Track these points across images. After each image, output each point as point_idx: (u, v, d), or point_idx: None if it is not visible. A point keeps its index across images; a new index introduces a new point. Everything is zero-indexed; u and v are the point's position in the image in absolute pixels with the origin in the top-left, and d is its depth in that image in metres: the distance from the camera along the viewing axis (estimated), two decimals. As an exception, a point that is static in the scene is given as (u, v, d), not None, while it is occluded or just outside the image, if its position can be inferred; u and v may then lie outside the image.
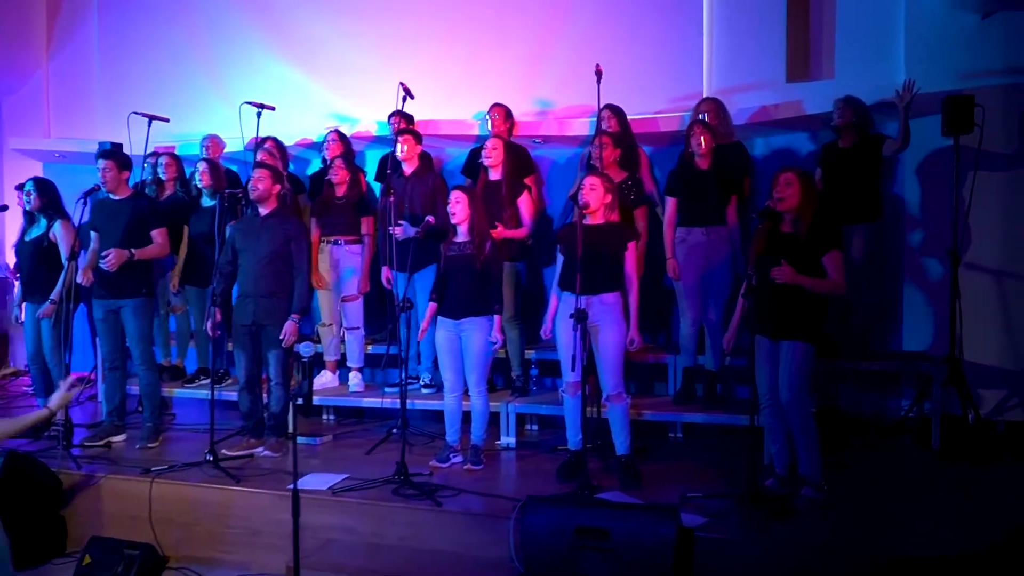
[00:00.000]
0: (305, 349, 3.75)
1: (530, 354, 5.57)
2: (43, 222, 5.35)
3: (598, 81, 4.88)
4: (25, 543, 4.25)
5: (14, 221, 6.06)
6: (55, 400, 4.04)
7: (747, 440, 3.97)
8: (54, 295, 5.15)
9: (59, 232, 5.28)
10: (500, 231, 5.01)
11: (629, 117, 5.54)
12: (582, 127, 5.84)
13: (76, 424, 5.65)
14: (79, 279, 5.04)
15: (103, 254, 4.94)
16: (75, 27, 7.78)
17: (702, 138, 4.96)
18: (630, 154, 5.33)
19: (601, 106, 5.07)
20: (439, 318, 4.61)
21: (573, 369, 4.12)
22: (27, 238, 5.40)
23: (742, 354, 4.46)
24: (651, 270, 5.34)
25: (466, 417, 4.75)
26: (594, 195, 4.33)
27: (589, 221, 4.36)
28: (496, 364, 5.65)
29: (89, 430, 5.45)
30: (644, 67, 5.97)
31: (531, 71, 6.23)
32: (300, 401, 3.96)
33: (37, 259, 5.33)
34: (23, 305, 5.49)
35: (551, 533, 3.41)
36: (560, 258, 4.48)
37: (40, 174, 7.40)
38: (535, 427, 5.49)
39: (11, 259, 6.23)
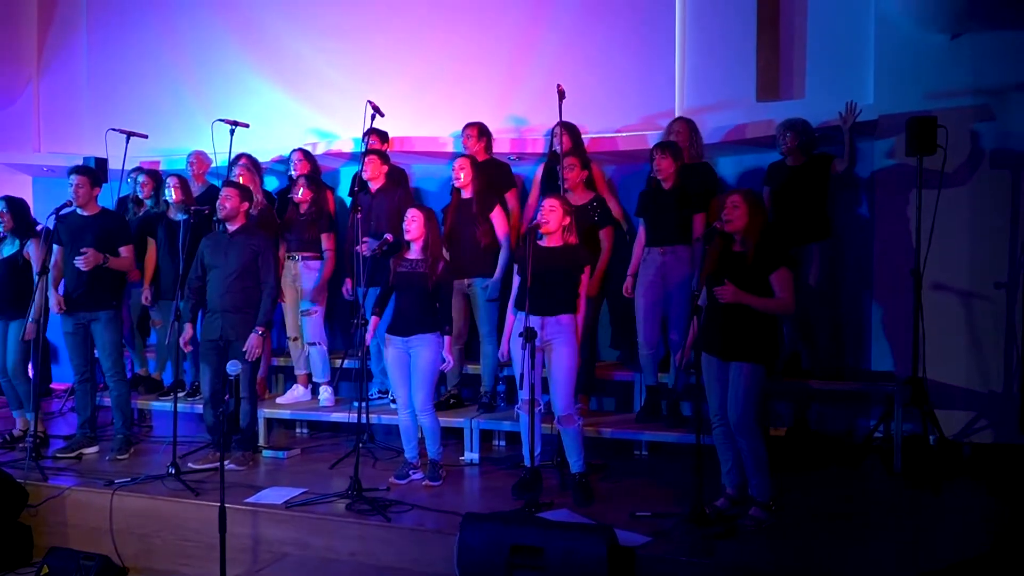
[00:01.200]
0: (231, 368, 3.83)
1: (504, 370, 5.61)
2: (15, 241, 5.46)
3: (560, 100, 4.95)
4: (-13, 552, 4.35)
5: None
6: None
7: (696, 460, 4.00)
8: (32, 314, 5.23)
9: (31, 250, 5.42)
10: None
11: (599, 135, 5.60)
12: (544, 144, 5.91)
13: (52, 436, 5.79)
14: (55, 310, 5.14)
15: (82, 250, 5.03)
16: (64, 44, 7.94)
17: (662, 162, 5.01)
18: (588, 174, 5.39)
19: (563, 122, 5.12)
20: (389, 336, 4.66)
21: (521, 387, 4.16)
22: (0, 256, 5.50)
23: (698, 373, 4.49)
24: (619, 289, 5.37)
25: (428, 433, 4.79)
26: (553, 216, 4.39)
27: (546, 243, 4.42)
28: (466, 379, 5.73)
29: (65, 442, 5.55)
30: (616, 86, 6.04)
31: (506, 89, 6.30)
32: (224, 422, 4.01)
33: (9, 277, 5.43)
34: None
35: (488, 550, 3.45)
36: (516, 277, 4.54)
37: (29, 188, 7.58)
38: (503, 443, 5.53)
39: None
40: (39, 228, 5.58)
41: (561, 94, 4.97)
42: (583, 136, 5.64)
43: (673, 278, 5.01)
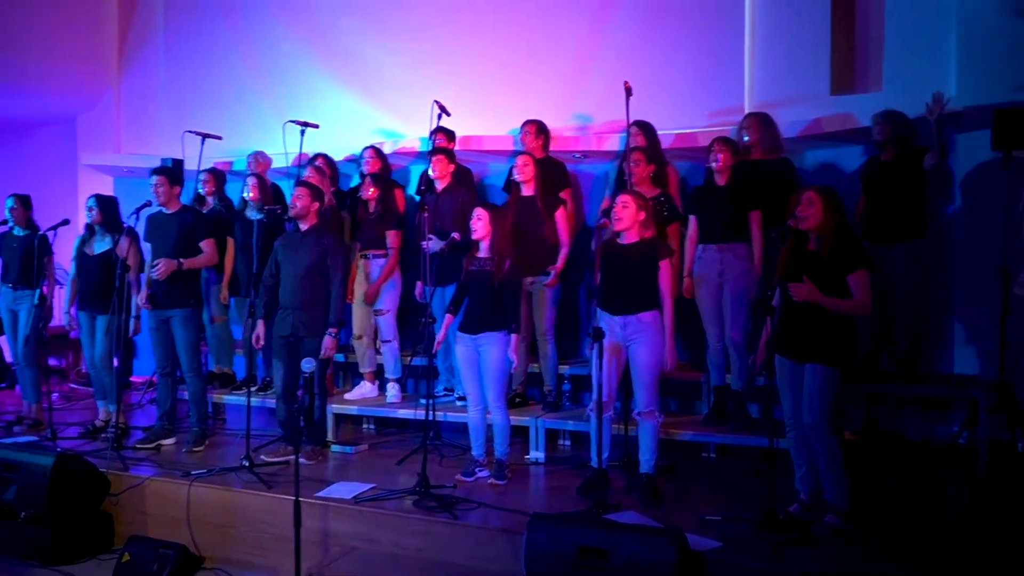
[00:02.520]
0: (306, 365, 3.89)
1: (564, 369, 5.60)
2: (108, 238, 5.69)
3: (627, 98, 4.90)
4: (72, 538, 4.54)
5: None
6: None
7: (770, 463, 3.92)
8: (134, 311, 5.50)
9: (123, 247, 5.61)
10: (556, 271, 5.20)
11: (667, 132, 5.52)
12: (621, 142, 5.85)
13: (133, 427, 6.01)
14: (141, 303, 5.37)
15: (153, 263, 5.25)
16: (143, 49, 8.24)
17: (719, 155, 4.93)
18: (661, 171, 5.33)
19: (631, 121, 5.08)
20: (458, 333, 4.70)
21: (594, 388, 4.14)
22: (91, 251, 5.72)
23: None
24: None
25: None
26: (627, 212, 4.37)
27: (623, 240, 4.40)
28: (531, 378, 5.73)
29: (144, 432, 5.76)
30: (684, 82, 5.95)
31: (571, 87, 6.28)
32: (301, 419, 4.08)
33: (102, 273, 5.63)
34: (75, 313, 5.83)
35: (555, 551, 3.44)
36: (599, 275, 4.53)
37: (111, 188, 7.89)
38: (568, 443, 5.51)
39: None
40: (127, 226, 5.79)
41: (628, 91, 4.93)
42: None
43: (731, 276, 4.93)
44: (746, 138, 5.17)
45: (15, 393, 7.04)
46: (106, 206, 5.72)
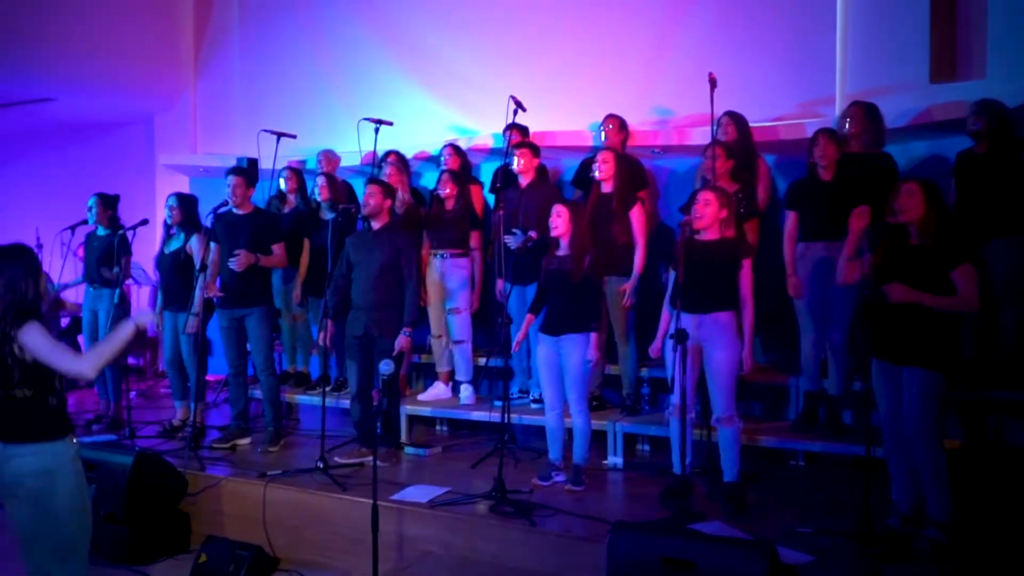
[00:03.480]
0: (384, 367, 3.88)
1: (644, 372, 5.50)
2: (181, 236, 5.81)
3: (711, 89, 4.77)
4: (150, 537, 4.64)
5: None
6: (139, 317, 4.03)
7: (866, 473, 3.76)
8: (195, 308, 5.54)
9: (195, 245, 5.74)
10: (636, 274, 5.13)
11: (753, 125, 5.37)
12: (703, 136, 5.70)
13: (209, 426, 6.14)
14: (207, 293, 5.44)
15: (234, 253, 5.31)
16: (218, 50, 8.47)
17: (825, 148, 4.74)
18: (749, 164, 5.18)
19: (718, 114, 4.94)
20: (539, 335, 4.66)
21: (673, 391, 4.04)
22: (166, 251, 5.88)
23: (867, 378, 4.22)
24: (767, 285, 5.14)
25: (572, 434, 4.74)
26: (708, 210, 4.27)
27: (703, 237, 4.30)
28: (609, 380, 5.64)
29: (219, 432, 5.88)
30: (771, 71, 5.79)
31: (649, 79, 6.17)
32: (379, 421, 4.08)
33: (175, 271, 5.80)
34: (163, 313, 5.97)
35: (638, 562, 3.35)
36: (672, 275, 4.43)
37: (187, 188, 8.09)
38: (647, 447, 5.42)
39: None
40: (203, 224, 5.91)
41: (713, 83, 4.80)
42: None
43: (835, 275, 4.73)
44: (847, 128, 4.97)
45: (94, 392, 7.27)
46: (186, 205, 5.85)
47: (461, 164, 6.13)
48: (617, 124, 5.63)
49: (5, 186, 9.96)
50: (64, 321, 7.56)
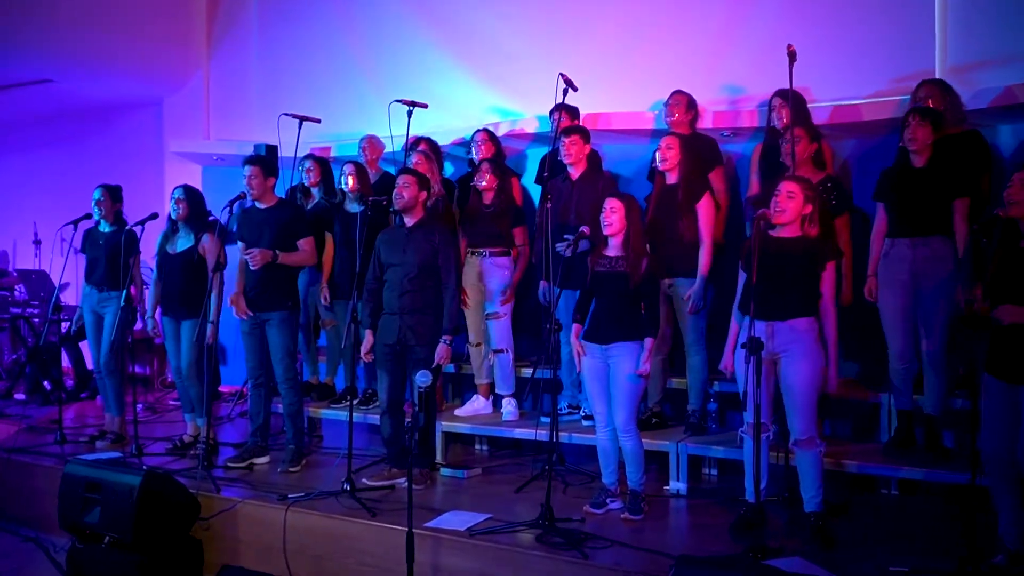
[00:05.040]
0: (421, 379, 3.92)
1: (715, 386, 5.49)
2: (190, 234, 5.89)
3: (790, 63, 4.76)
4: (161, 566, 4.74)
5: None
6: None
7: (969, 504, 3.72)
8: (213, 316, 5.60)
9: (208, 245, 5.81)
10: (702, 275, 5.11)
11: (825, 104, 5.34)
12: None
13: (222, 443, 6.26)
14: (233, 314, 5.55)
15: (247, 252, 5.41)
16: (234, 26, 8.61)
17: (919, 130, 4.69)
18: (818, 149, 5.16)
19: (788, 92, 4.92)
20: (586, 344, 4.67)
21: (745, 407, 4.04)
22: (173, 250, 5.94)
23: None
24: (856, 288, 5.11)
25: (628, 456, 4.76)
26: (792, 204, 4.25)
27: (780, 233, 4.29)
28: (671, 395, 5.64)
29: (235, 450, 5.99)
30: (858, 43, 5.74)
31: (718, 53, 6.16)
32: (415, 438, 4.13)
33: (184, 274, 5.85)
34: (158, 317, 6.08)
35: (706, 602, 3.36)
36: (742, 275, 4.42)
37: (199, 178, 8.25)
38: (714, 471, 5.41)
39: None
40: (212, 220, 6.00)
41: (792, 56, 4.78)
42: (812, 105, 5.42)
43: (927, 276, 4.70)
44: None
45: (96, 404, 7.45)
46: (194, 199, 5.92)
47: (495, 152, 6.18)
48: (686, 102, 5.62)
49: (-1, 177, 10.26)
50: (64, 326, 7.74)
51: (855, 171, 5.75)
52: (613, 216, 4.58)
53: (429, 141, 6.30)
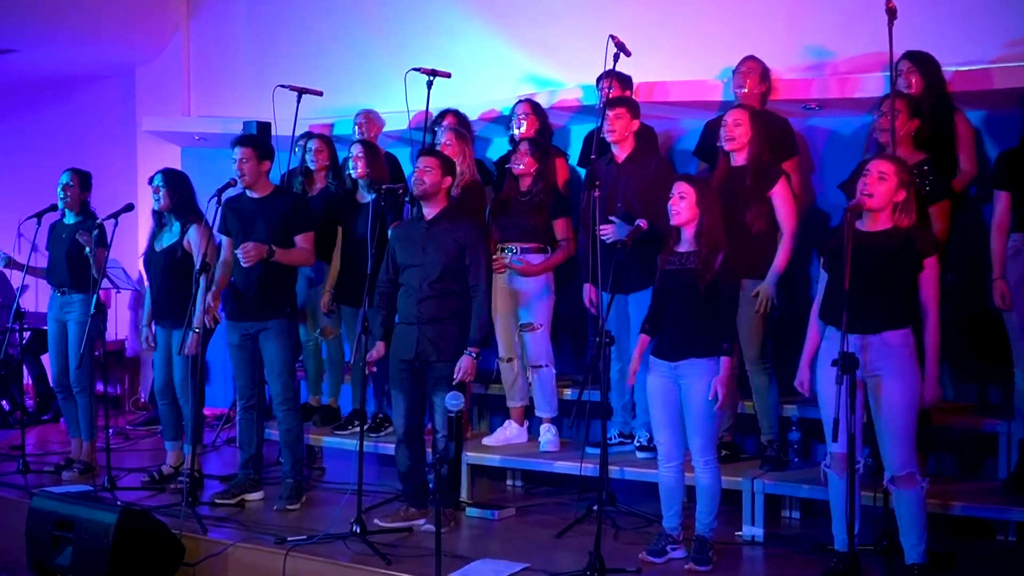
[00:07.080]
0: (452, 401, 3.94)
1: (790, 410, 5.48)
2: (176, 227, 5.94)
3: (889, 22, 4.74)
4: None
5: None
6: None
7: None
8: (196, 323, 5.58)
9: (194, 239, 5.84)
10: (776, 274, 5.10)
11: (949, 70, 5.32)
12: (874, 86, 5.66)
13: (207, 475, 6.31)
14: (207, 317, 5.56)
15: (240, 247, 5.42)
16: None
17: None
18: (943, 125, 5.13)
19: (897, 55, 4.90)
20: (651, 359, 4.68)
21: (835, 437, 4.03)
22: (157, 247, 6.00)
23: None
24: (966, 292, 5.08)
25: (693, 494, 4.76)
26: (883, 188, 4.23)
27: (869, 227, 4.28)
28: (742, 422, 5.63)
29: (222, 483, 6.04)
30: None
31: (801, 11, 6.16)
32: (444, 471, 4.15)
33: (170, 273, 5.89)
34: (152, 327, 6.11)
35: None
36: (823, 277, 4.41)
37: (178, 162, 8.30)
38: (796, 514, 5.40)
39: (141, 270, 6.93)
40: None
41: (891, 13, 4.76)
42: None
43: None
44: None
45: (59, 428, 7.53)
46: (177, 185, 5.95)
47: (540, 127, 6.17)
48: (758, 71, 5.62)
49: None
50: (24, 335, 7.83)
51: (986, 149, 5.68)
52: (682, 204, 4.57)
53: (457, 114, 6.30)
